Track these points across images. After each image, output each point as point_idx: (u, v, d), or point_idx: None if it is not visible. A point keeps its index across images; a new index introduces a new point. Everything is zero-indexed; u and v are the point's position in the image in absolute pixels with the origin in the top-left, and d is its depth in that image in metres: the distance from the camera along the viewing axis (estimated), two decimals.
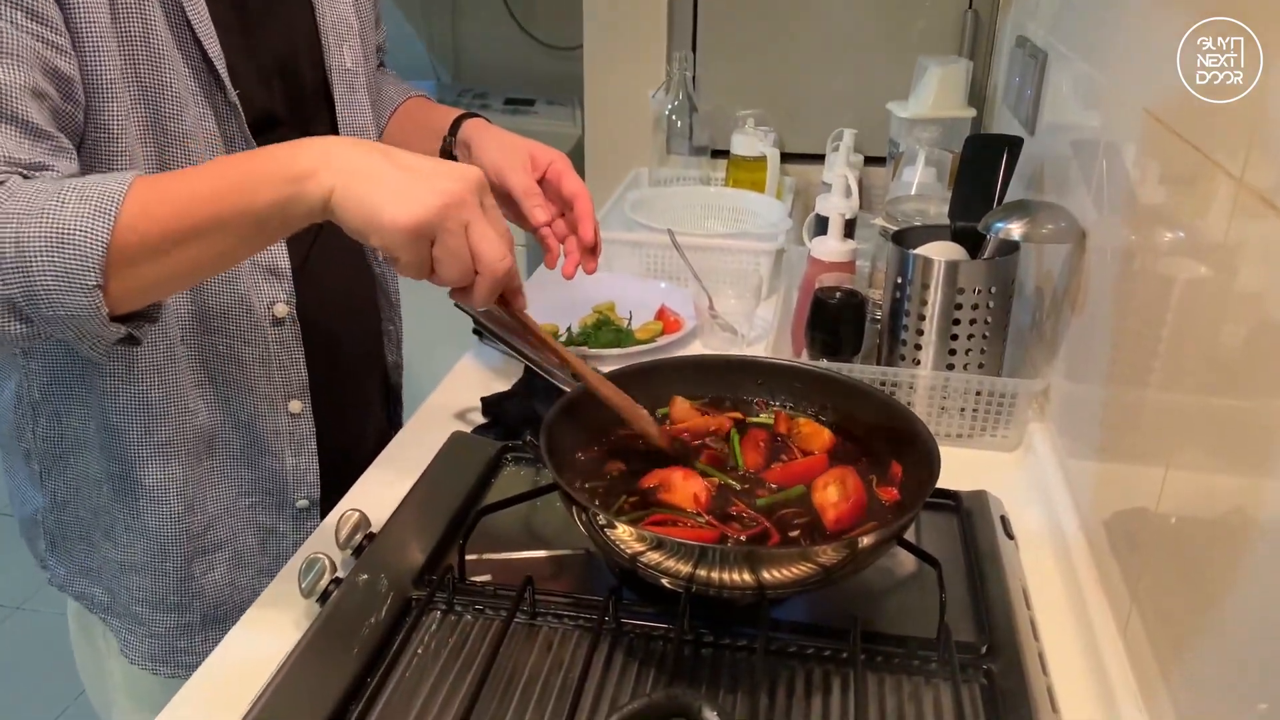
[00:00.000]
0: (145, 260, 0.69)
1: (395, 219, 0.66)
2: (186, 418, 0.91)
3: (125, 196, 0.68)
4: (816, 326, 1.15)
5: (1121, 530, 0.83)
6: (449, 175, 0.69)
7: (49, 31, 0.74)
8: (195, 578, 0.96)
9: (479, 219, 0.69)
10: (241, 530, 0.98)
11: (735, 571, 0.72)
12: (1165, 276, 0.79)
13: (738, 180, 1.74)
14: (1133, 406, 0.84)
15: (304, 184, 0.68)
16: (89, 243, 0.67)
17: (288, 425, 0.97)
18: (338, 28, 0.99)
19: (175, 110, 0.84)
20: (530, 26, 2.68)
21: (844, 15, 1.85)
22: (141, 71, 0.81)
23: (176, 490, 0.93)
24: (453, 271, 0.70)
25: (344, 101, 1.00)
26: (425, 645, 0.76)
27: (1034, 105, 1.30)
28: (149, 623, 0.97)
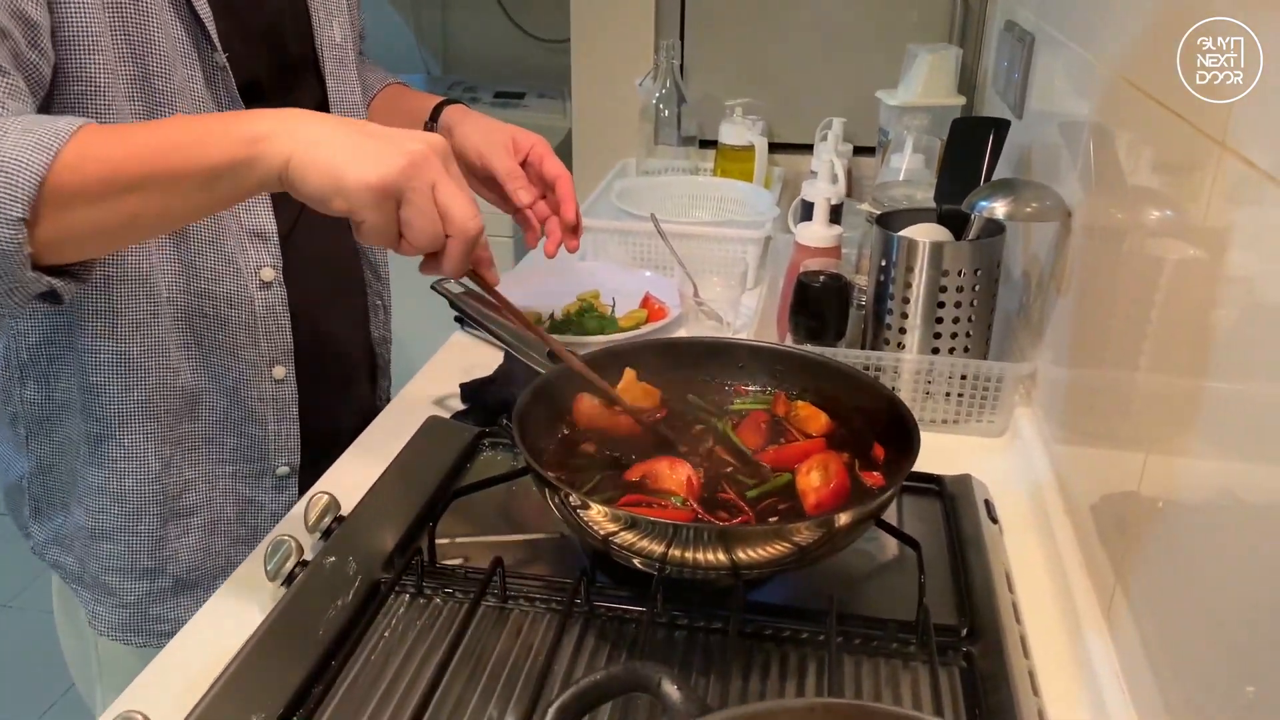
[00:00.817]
0: (81, 204, 0.67)
1: (360, 177, 0.65)
2: (168, 377, 0.91)
3: (72, 136, 0.66)
4: (800, 311, 1.13)
5: (1109, 514, 0.82)
6: (412, 138, 0.68)
7: None
8: (169, 540, 0.95)
9: (446, 179, 0.67)
10: (219, 496, 0.97)
11: (709, 551, 0.70)
12: (1153, 258, 0.78)
13: (726, 170, 1.72)
14: (1121, 390, 0.83)
15: (259, 146, 0.66)
16: (22, 174, 0.64)
17: (271, 391, 0.96)
18: (327, 3, 0.99)
19: (163, 69, 0.83)
20: (520, 19, 2.66)
21: (833, 3, 1.83)
22: (129, 28, 0.81)
23: (154, 450, 0.92)
24: (423, 234, 0.67)
25: (333, 75, 1.00)
26: (393, 628, 0.74)
27: (1021, 89, 1.29)
28: (119, 592, 0.96)
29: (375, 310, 1.15)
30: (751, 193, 1.62)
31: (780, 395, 0.92)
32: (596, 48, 1.91)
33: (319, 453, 1.01)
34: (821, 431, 0.88)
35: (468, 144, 1.05)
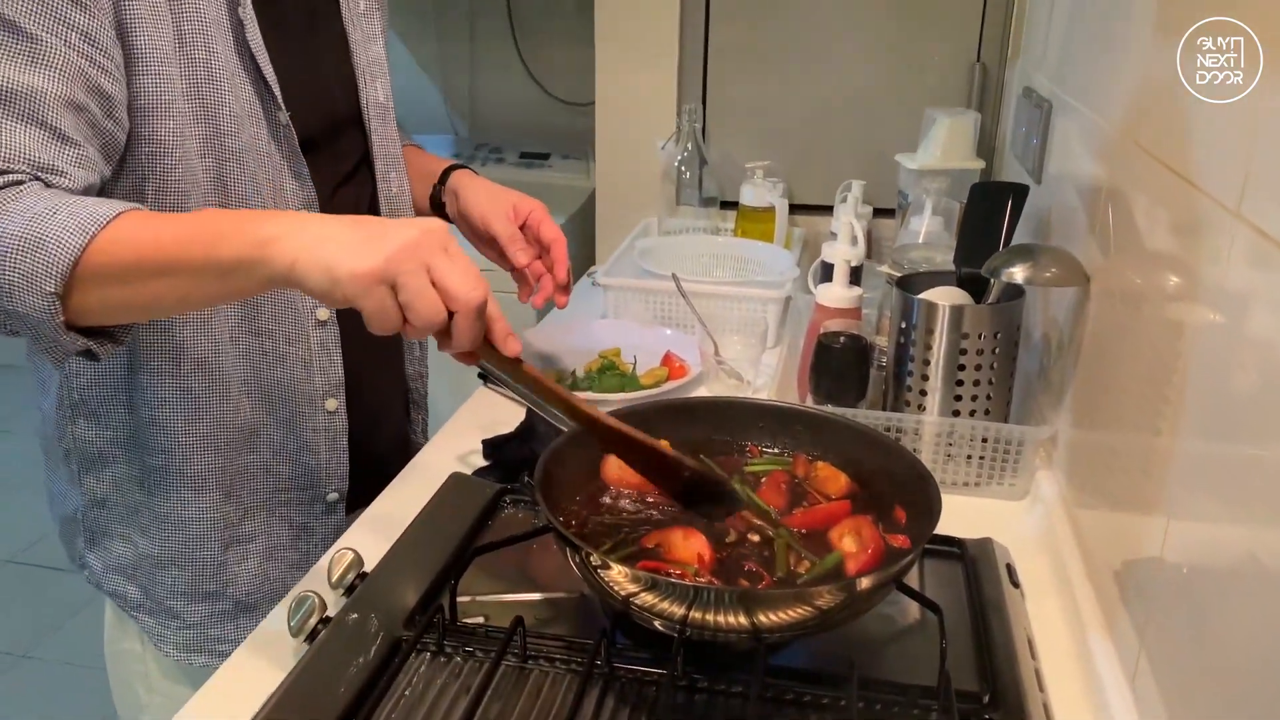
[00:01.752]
0: (108, 284, 0.74)
1: (351, 268, 0.68)
2: (229, 412, 0.96)
3: (110, 221, 0.73)
4: (820, 371, 1.14)
5: (1131, 580, 0.81)
6: (408, 226, 0.70)
7: (98, 54, 0.80)
8: (230, 565, 1.00)
9: (441, 258, 0.69)
10: (275, 523, 1.02)
11: (729, 614, 0.70)
12: (1173, 321, 0.78)
13: (746, 230, 1.74)
14: (1142, 454, 0.83)
15: (269, 248, 0.71)
16: (60, 252, 0.72)
17: (324, 422, 1.02)
18: (371, 66, 1.06)
19: (233, 128, 0.90)
20: (546, 83, 2.72)
21: (853, 69, 1.87)
22: (203, 91, 0.88)
23: (215, 480, 0.97)
24: (424, 315, 0.69)
25: (376, 131, 1.07)
26: (413, 687, 0.74)
27: (1040, 154, 1.31)
28: (183, 614, 1.01)
29: (410, 347, 1.19)
30: (772, 253, 1.63)
31: (800, 457, 0.92)
32: (620, 111, 1.95)
33: (361, 479, 1.06)
34: (841, 493, 0.88)
35: (472, 208, 1.14)
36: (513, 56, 2.72)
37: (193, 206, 0.88)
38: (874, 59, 1.86)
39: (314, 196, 0.97)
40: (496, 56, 2.73)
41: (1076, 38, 1.24)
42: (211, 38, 0.88)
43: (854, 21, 1.85)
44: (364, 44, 1.05)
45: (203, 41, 0.87)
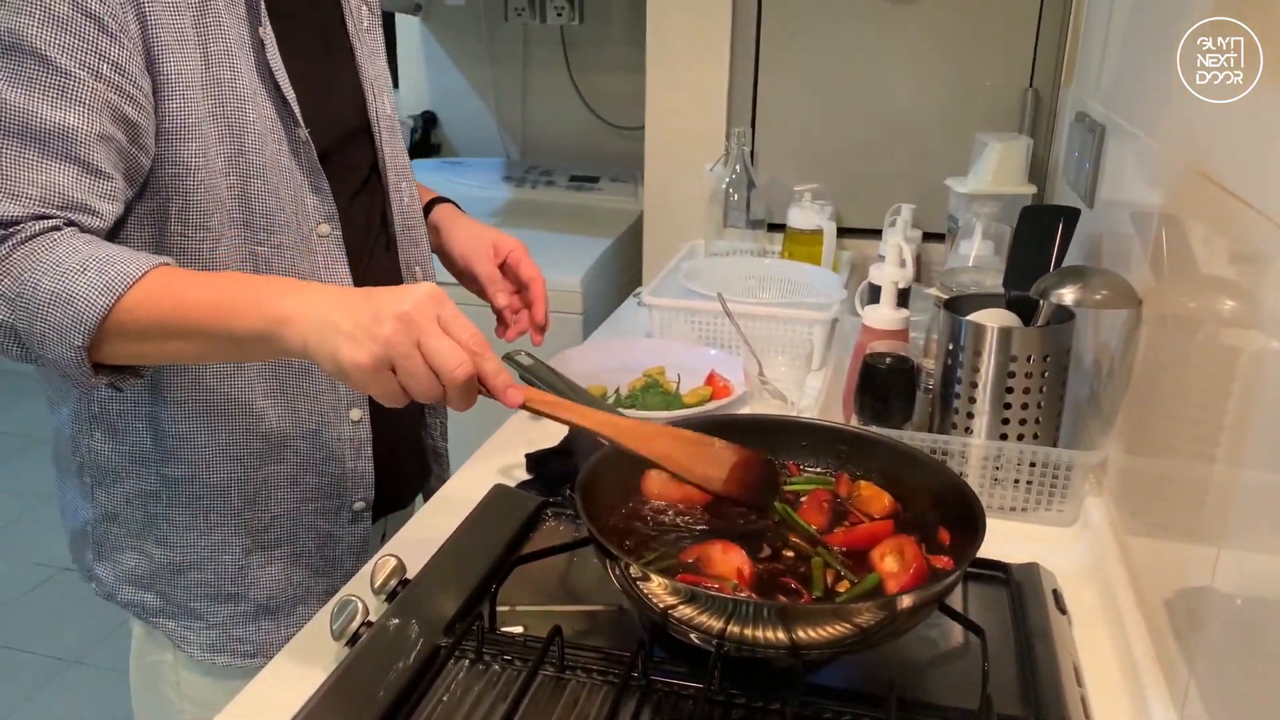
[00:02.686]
0: (132, 340, 0.79)
1: (355, 360, 0.72)
2: (252, 422, 0.97)
3: (136, 282, 0.78)
4: (866, 392, 1.14)
5: (1182, 608, 0.79)
6: (402, 299, 0.73)
7: (127, 83, 0.83)
8: (252, 569, 1.01)
9: (431, 335, 0.72)
10: (301, 531, 1.03)
11: (768, 629, 0.70)
12: (1229, 347, 0.77)
13: (793, 253, 1.74)
14: (1195, 481, 0.81)
15: (281, 328, 0.76)
16: (88, 311, 0.77)
17: (349, 431, 1.02)
18: (377, 81, 1.08)
19: (256, 145, 0.92)
20: (598, 107, 2.75)
21: (905, 93, 1.86)
22: (228, 110, 0.90)
23: (238, 489, 0.98)
24: (423, 392, 0.73)
25: (388, 144, 1.08)
26: (451, 693, 0.75)
27: (1092, 178, 1.29)
28: (206, 615, 1.02)
29: None
30: (819, 275, 1.63)
31: (843, 476, 0.92)
32: (669, 134, 1.96)
33: (384, 489, 1.07)
34: (884, 513, 0.87)
35: (454, 247, 1.19)
36: (566, 82, 2.75)
37: (216, 223, 0.91)
38: (926, 84, 1.85)
39: (334, 209, 0.99)
40: (550, 82, 2.77)
41: (1131, 61, 1.23)
42: (235, 58, 0.90)
43: (907, 47, 1.85)
44: (370, 58, 1.07)
45: (228, 62, 0.90)
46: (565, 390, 1.13)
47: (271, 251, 0.95)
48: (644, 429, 0.84)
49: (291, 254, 0.96)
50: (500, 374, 0.76)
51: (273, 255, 0.95)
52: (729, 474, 0.84)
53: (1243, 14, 0.62)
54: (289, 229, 0.95)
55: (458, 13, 2.75)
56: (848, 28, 1.86)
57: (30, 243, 0.79)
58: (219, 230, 0.91)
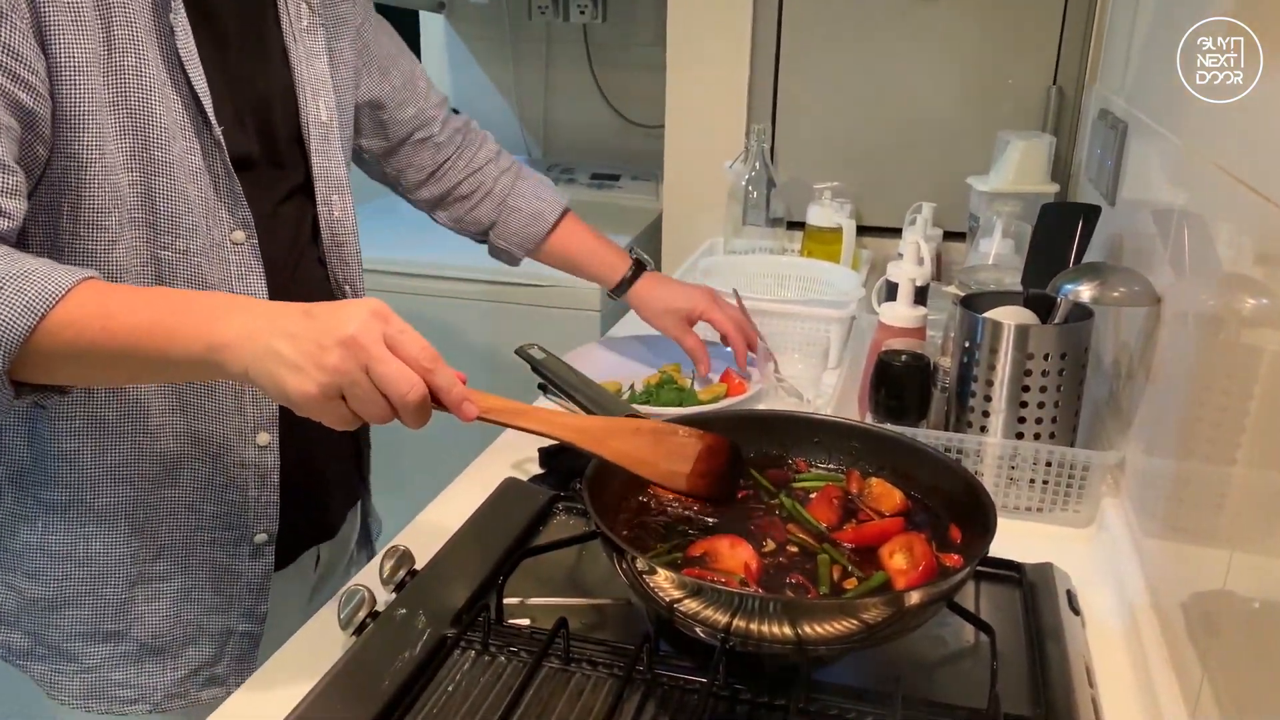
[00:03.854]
0: (57, 363, 0.73)
1: (302, 392, 0.68)
2: (146, 441, 0.91)
3: (59, 301, 0.71)
4: (880, 389, 1.13)
5: (1198, 612, 0.78)
6: (343, 324, 0.68)
7: (21, 68, 0.77)
8: (136, 603, 0.94)
9: (378, 359, 0.68)
10: (194, 563, 0.96)
11: (773, 624, 0.69)
12: (1252, 347, 0.75)
13: (812, 251, 1.73)
14: (1215, 484, 0.79)
15: (220, 354, 0.70)
16: (7, 334, 0.70)
17: (254, 457, 0.96)
18: (314, 84, 1.01)
19: (162, 140, 0.86)
20: (620, 106, 2.75)
21: (926, 91, 1.85)
22: (131, 102, 0.84)
23: (125, 515, 0.92)
24: (372, 416, 0.70)
25: (319, 152, 1.02)
26: (456, 683, 0.75)
27: (1114, 176, 1.28)
28: (79, 657, 0.94)
29: None
30: (837, 273, 1.62)
31: (854, 473, 0.91)
32: (689, 131, 1.96)
33: (299, 518, 1.01)
34: (895, 510, 0.86)
35: (655, 324, 1.34)
36: (588, 80, 2.76)
37: (113, 223, 0.84)
38: (948, 81, 1.84)
39: (249, 216, 0.92)
40: (572, 80, 2.78)
41: (1153, 57, 1.21)
42: (141, 44, 0.84)
43: (929, 44, 1.83)
44: (306, 60, 1.00)
45: (133, 48, 0.83)
46: (577, 384, 1.13)
47: (176, 257, 0.88)
48: (601, 428, 0.83)
49: (199, 260, 0.89)
50: (453, 388, 0.72)
51: (178, 261, 0.88)
52: (694, 465, 0.84)
53: (1258, 12, 0.61)
54: (197, 234, 0.89)
55: (481, 10, 2.76)
56: (869, 25, 1.84)
57: None
58: (116, 231, 0.85)
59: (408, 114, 1.21)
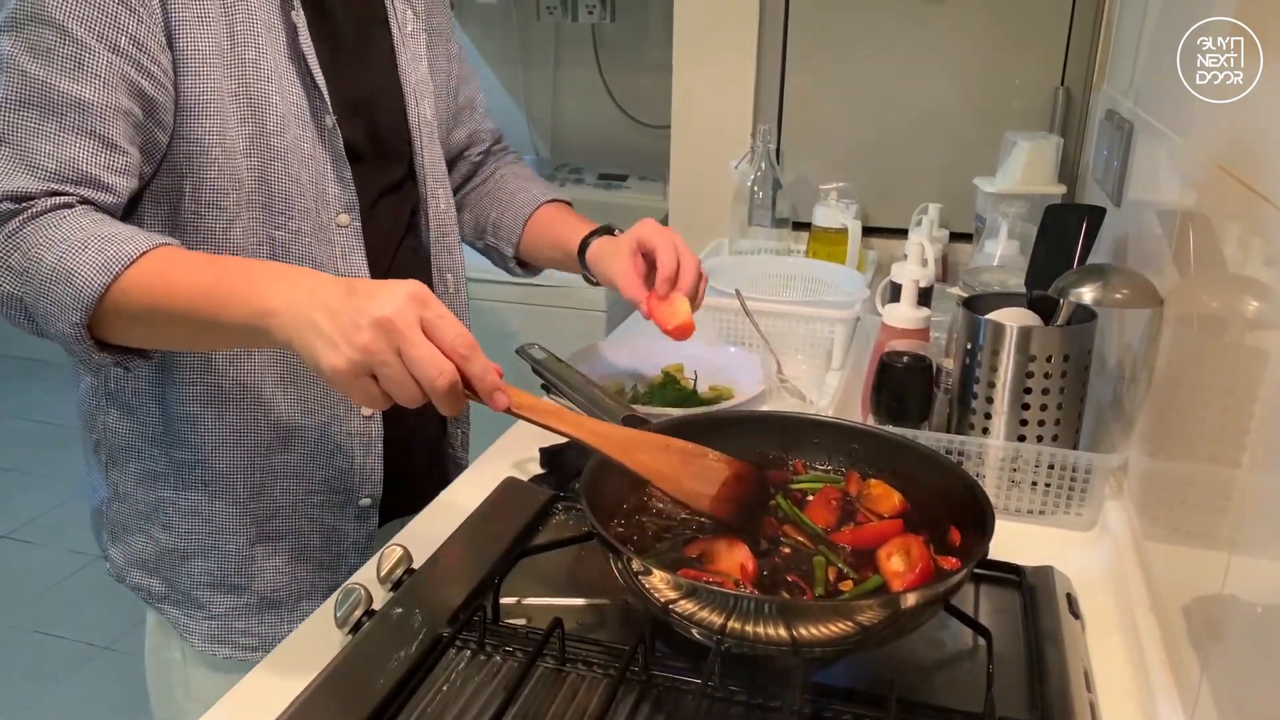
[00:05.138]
0: (128, 321, 0.80)
1: (333, 365, 0.70)
2: (261, 411, 0.97)
3: (134, 262, 0.78)
4: (882, 391, 1.12)
5: (1200, 616, 0.77)
6: (383, 304, 0.70)
7: (145, 58, 0.84)
8: (256, 560, 1.01)
9: (412, 342, 0.69)
10: (306, 524, 1.02)
11: (769, 625, 0.69)
12: (1257, 350, 0.75)
13: (817, 252, 1.73)
14: (1218, 487, 0.79)
15: (267, 322, 0.74)
16: (86, 289, 0.77)
17: (360, 426, 1.02)
18: (419, 86, 1.08)
19: (278, 127, 0.92)
20: (629, 106, 2.75)
21: (932, 92, 1.84)
22: (251, 90, 0.90)
23: (243, 477, 0.98)
24: (403, 398, 0.71)
25: (425, 150, 1.08)
26: (451, 683, 0.75)
27: (1120, 177, 1.27)
28: (208, 605, 1.02)
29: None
30: (842, 274, 1.62)
31: (853, 474, 0.91)
32: (695, 131, 1.96)
33: (391, 488, 1.06)
34: (894, 512, 0.86)
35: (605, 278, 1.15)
36: (596, 80, 2.76)
37: (231, 204, 0.90)
38: (955, 82, 1.83)
39: (354, 201, 0.98)
40: (581, 81, 2.78)
41: (1159, 58, 1.20)
42: (262, 39, 0.90)
43: (936, 44, 1.82)
44: (412, 63, 1.07)
45: (254, 42, 0.90)
46: (578, 384, 1.13)
47: (289, 237, 0.94)
48: (633, 439, 0.82)
49: (309, 240, 0.96)
50: (487, 377, 0.73)
51: (290, 240, 0.95)
52: (719, 490, 0.83)
53: (1258, 12, 0.60)
54: (308, 215, 0.95)
55: (490, 11, 2.77)
56: (876, 25, 1.84)
57: (41, 218, 0.80)
58: (234, 211, 0.91)
59: (460, 135, 1.25)
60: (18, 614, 2.63)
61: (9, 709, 2.31)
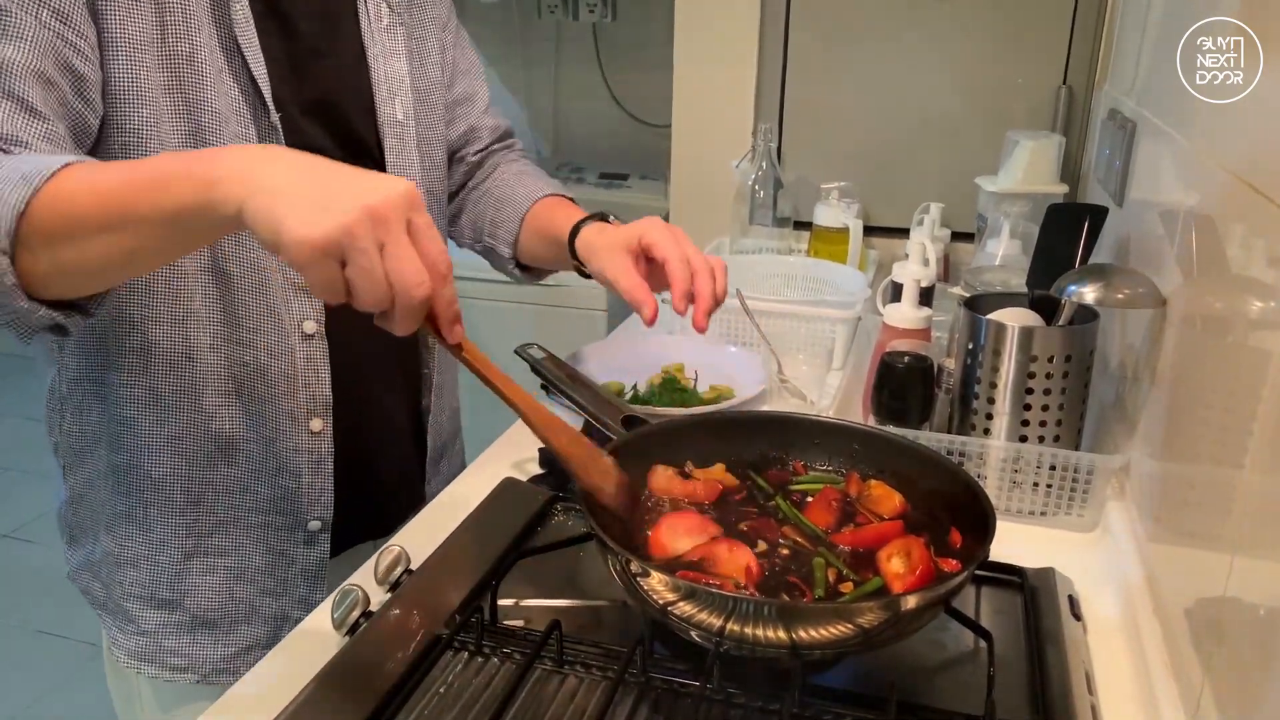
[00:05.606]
0: (57, 242, 0.69)
1: (299, 235, 0.60)
2: (201, 418, 0.93)
3: (54, 174, 0.69)
4: (883, 391, 1.12)
5: (1202, 618, 0.77)
6: (371, 189, 0.62)
7: (70, 32, 0.79)
8: (191, 575, 0.97)
9: (397, 240, 0.62)
10: (248, 543, 0.98)
11: (768, 628, 0.68)
12: (1261, 350, 0.74)
13: (819, 251, 1.72)
14: (1222, 489, 0.78)
15: (215, 190, 0.64)
16: (3, 209, 0.68)
17: (307, 443, 0.97)
18: (390, 82, 1.02)
19: (214, 126, 0.87)
20: (630, 106, 2.75)
21: (934, 90, 1.84)
22: (184, 85, 0.86)
23: (181, 486, 0.94)
24: (367, 296, 0.62)
25: (392, 150, 1.02)
26: (448, 684, 0.74)
27: (1122, 176, 1.26)
28: (137, 619, 0.98)
29: (424, 377, 1.13)
30: (844, 274, 1.61)
31: (854, 475, 0.90)
32: (696, 130, 1.96)
33: (354, 511, 1.01)
34: (894, 513, 0.85)
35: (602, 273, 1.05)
36: (597, 79, 2.76)
37: None
38: (957, 81, 1.83)
39: None
40: (582, 79, 2.78)
41: (1162, 57, 1.20)
42: (196, 30, 0.86)
43: (938, 43, 1.82)
44: (383, 59, 1.01)
45: (185, 33, 0.85)
46: (578, 385, 1.13)
47: (232, 239, 0.89)
48: (555, 421, 0.80)
49: (258, 247, 0.89)
50: (453, 305, 0.67)
51: (235, 242, 0.89)
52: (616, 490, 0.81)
53: (1258, 12, 0.60)
54: None
55: (491, 9, 2.77)
56: (878, 23, 1.83)
57: None
58: None
59: (455, 132, 1.19)
60: (18, 614, 2.63)
61: (9, 709, 2.31)
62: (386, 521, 1.09)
